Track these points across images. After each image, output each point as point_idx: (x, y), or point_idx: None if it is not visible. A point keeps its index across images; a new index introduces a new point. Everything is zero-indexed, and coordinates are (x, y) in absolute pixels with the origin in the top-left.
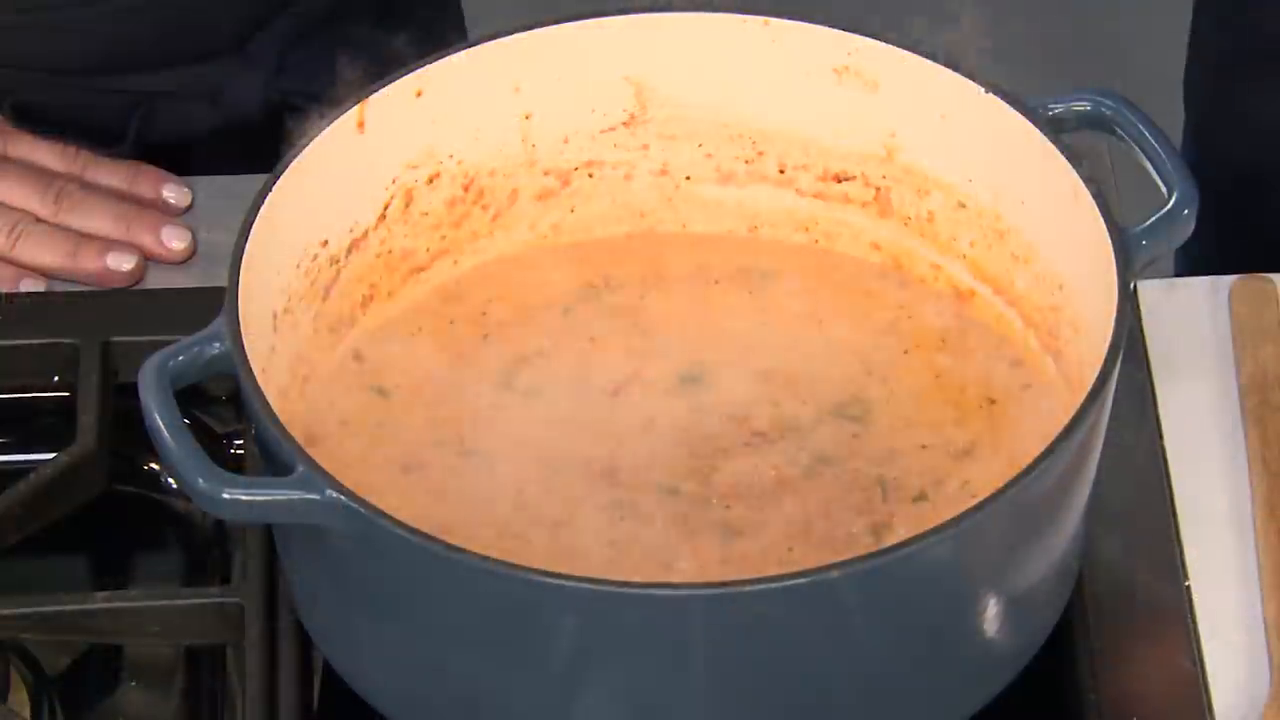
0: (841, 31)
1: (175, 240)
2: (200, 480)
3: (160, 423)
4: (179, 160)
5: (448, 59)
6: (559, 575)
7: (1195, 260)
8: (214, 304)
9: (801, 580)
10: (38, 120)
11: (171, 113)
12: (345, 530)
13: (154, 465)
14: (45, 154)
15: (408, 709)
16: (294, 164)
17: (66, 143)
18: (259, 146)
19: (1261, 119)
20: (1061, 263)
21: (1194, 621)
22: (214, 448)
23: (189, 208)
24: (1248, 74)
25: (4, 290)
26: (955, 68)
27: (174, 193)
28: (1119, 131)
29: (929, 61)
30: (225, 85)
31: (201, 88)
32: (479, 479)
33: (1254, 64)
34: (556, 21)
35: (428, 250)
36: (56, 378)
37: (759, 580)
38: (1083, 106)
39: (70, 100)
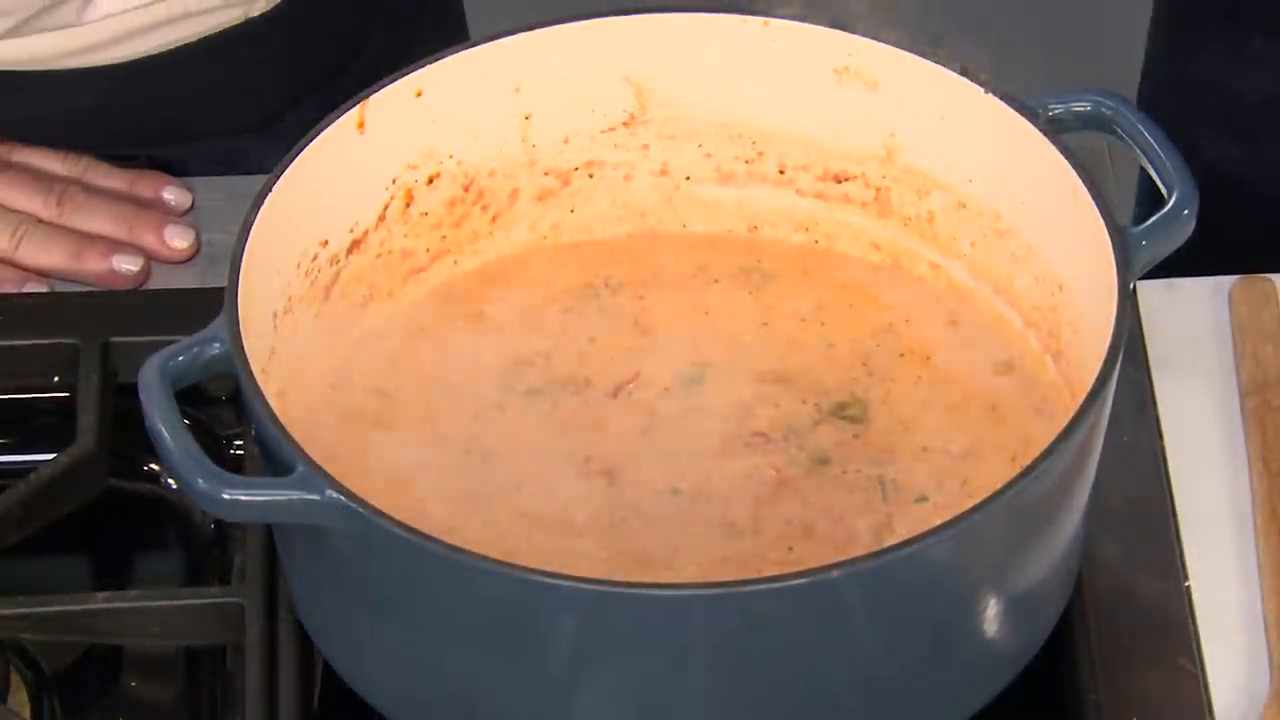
0: (841, 32)
1: (178, 239)
2: (200, 480)
3: (160, 423)
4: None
5: (448, 59)
6: (558, 575)
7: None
8: (214, 304)
9: (801, 580)
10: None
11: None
12: (345, 530)
13: (154, 465)
14: (48, 159)
15: (407, 709)
16: (294, 164)
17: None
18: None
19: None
20: (1061, 263)
21: (1194, 621)
22: (214, 448)
23: (190, 209)
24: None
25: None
26: (955, 68)
27: (174, 194)
28: (1119, 131)
29: (929, 62)
30: (245, 154)
31: (220, 157)
32: (479, 479)
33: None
34: (556, 21)
35: (428, 250)
36: (56, 378)
37: (759, 580)
38: (1083, 106)
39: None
